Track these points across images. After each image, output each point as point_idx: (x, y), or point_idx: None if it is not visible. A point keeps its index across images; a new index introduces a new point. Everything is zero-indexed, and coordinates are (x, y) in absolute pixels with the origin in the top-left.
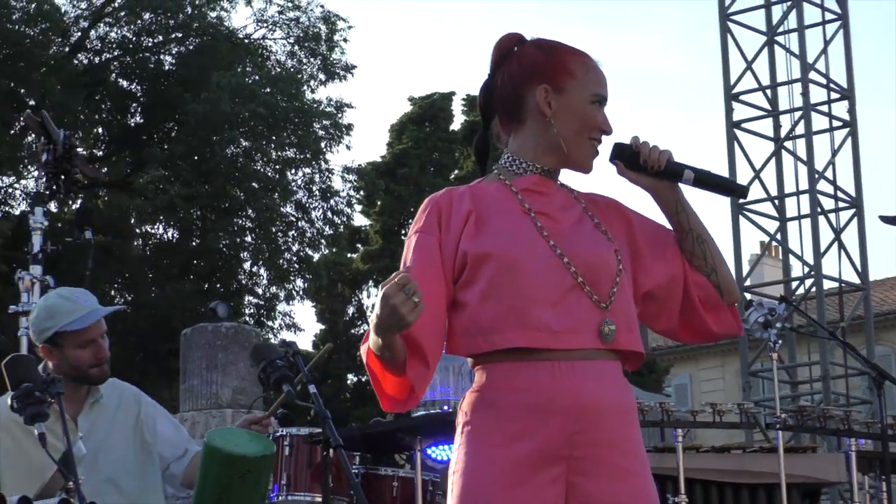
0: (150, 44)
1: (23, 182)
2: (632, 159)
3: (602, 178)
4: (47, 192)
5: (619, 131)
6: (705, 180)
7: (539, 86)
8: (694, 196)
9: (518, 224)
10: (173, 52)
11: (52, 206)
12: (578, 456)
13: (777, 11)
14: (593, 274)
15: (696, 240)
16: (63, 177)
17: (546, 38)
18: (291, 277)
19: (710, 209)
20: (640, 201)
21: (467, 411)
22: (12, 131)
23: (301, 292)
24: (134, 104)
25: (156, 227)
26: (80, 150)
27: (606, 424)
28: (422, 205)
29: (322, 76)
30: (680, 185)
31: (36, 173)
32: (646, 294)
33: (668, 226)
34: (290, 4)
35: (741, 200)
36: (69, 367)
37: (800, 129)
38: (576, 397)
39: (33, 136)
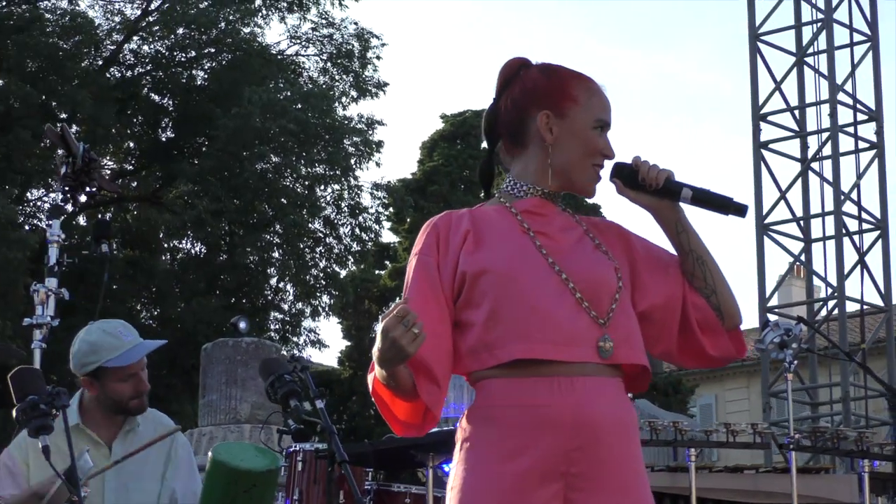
0: (182, 58)
1: (52, 195)
2: (631, 178)
3: (614, 200)
4: (65, 205)
5: (645, 148)
6: (704, 199)
7: (541, 111)
8: (717, 217)
9: (516, 242)
10: (205, 67)
11: (82, 219)
12: (576, 472)
13: (807, 32)
14: (592, 291)
15: (696, 261)
16: (82, 190)
17: (551, 62)
18: (318, 293)
19: (736, 230)
20: (644, 224)
21: (466, 427)
22: (42, 144)
23: (327, 308)
24: (165, 118)
25: (183, 241)
26: (109, 162)
27: (605, 441)
28: (423, 227)
29: (354, 93)
30: (681, 204)
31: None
32: (642, 314)
33: (671, 248)
34: (323, 21)
35: (766, 221)
36: (109, 400)
37: (826, 150)
38: (574, 413)
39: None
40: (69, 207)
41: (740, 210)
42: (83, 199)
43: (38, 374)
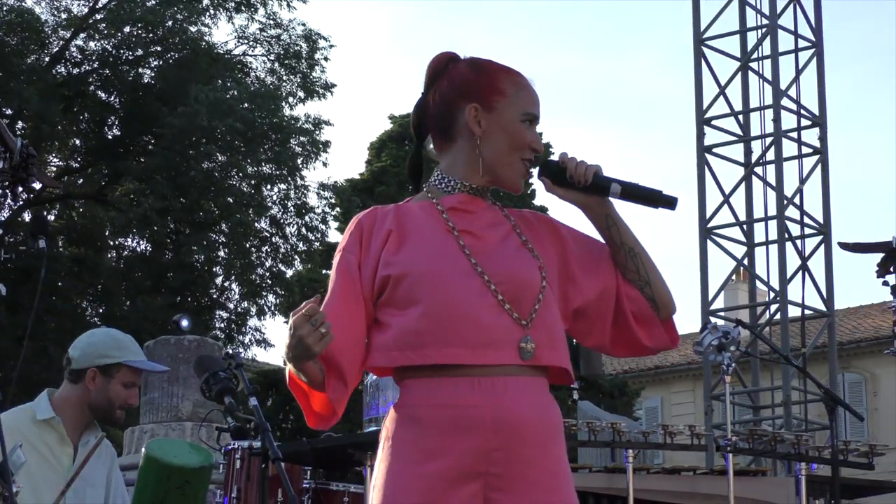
0: (129, 57)
1: None
2: (559, 175)
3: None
4: (2, 201)
5: (592, 151)
6: (633, 193)
7: (469, 104)
8: (663, 219)
9: (439, 242)
10: (153, 65)
11: (27, 217)
12: (496, 473)
13: (752, 38)
14: (514, 292)
15: (628, 253)
16: (20, 186)
17: (480, 56)
18: (264, 293)
19: (678, 233)
20: (575, 218)
21: (389, 426)
22: None
23: (273, 308)
24: (112, 116)
25: (129, 239)
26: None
27: (526, 441)
28: (350, 222)
29: (301, 94)
30: (611, 199)
31: None
32: (576, 310)
33: (602, 240)
34: (271, 22)
35: (709, 225)
36: (104, 400)
37: (770, 155)
38: (494, 413)
39: None
40: (9, 202)
41: (670, 202)
42: (22, 194)
43: None
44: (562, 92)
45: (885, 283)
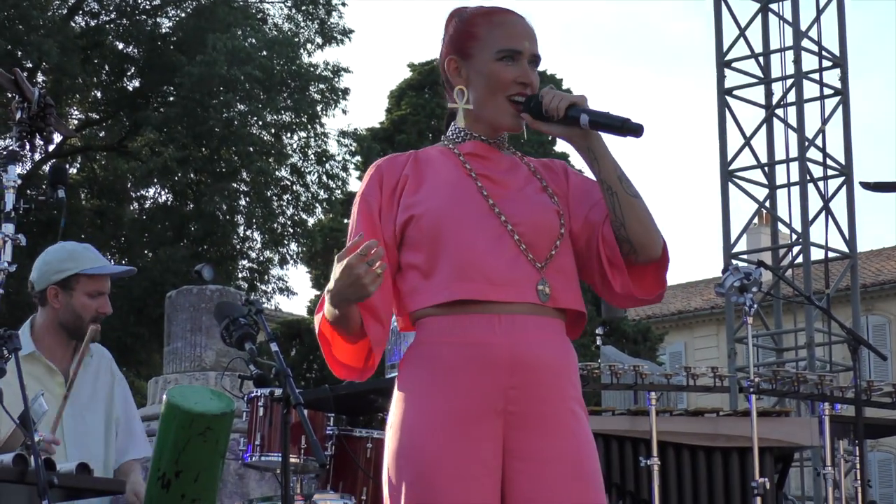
0: (147, 6)
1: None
2: (538, 110)
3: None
4: (21, 151)
5: (614, 94)
6: (601, 122)
7: (447, 57)
8: (685, 163)
9: (458, 185)
10: (170, 15)
11: (48, 170)
12: (513, 410)
13: None
14: (533, 235)
15: (606, 191)
16: (38, 135)
17: (483, 5)
18: (286, 241)
19: (700, 175)
20: None
21: (405, 365)
22: (10, 93)
23: (296, 256)
24: (131, 67)
25: (150, 190)
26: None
27: (542, 380)
28: (368, 168)
29: (319, 40)
30: (613, 134)
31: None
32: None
33: None
34: None
35: (730, 168)
36: (71, 315)
37: (791, 97)
38: (512, 351)
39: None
40: (26, 153)
41: (635, 130)
42: (40, 144)
43: None
44: (582, 32)
45: None
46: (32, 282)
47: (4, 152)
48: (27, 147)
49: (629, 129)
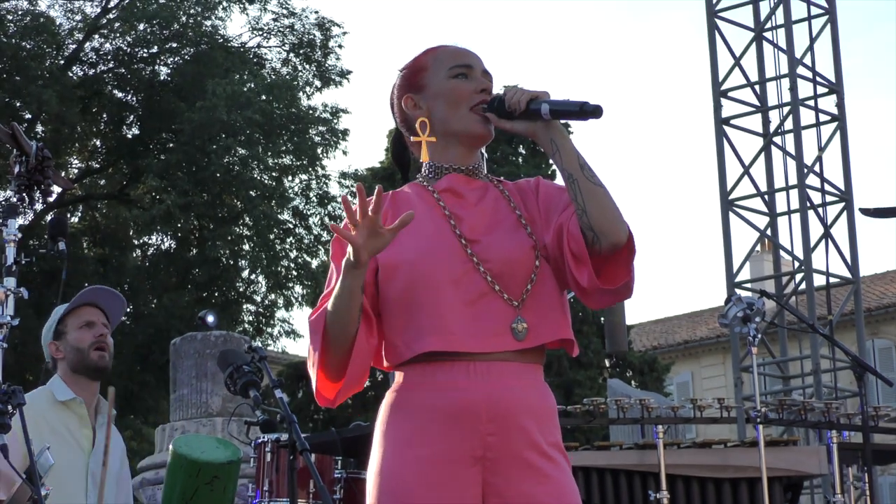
0: (145, 54)
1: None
2: (501, 108)
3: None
4: (20, 204)
5: (610, 125)
6: (561, 110)
7: (404, 96)
8: (685, 193)
9: (434, 227)
10: (168, 61)
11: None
12: (492, 457)
13: (764, 7)
14: (506, 276)
15: (567, 180)
16: (37, 189)
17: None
18: (290, 284)
19: (700, 207)
20: None
21: (385, 411)
22: (8, 146)
23: (300, 299)
24: (130, 115)
25: (153, 237)
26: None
27: (520, 426)
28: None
29: (318, 83)
30: (569, 122)
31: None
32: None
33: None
34: (284, 11)
35: (730, 197)
36: (73, 353)
37: (788, 125)
38: (489, 398)
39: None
40: (25, 206)
41: (595, 112)
42: (38, 197)
43: None
44: (576, 59)
45: None
46: (45, 356)
47: (3, 205)
48: (26, 201)
49: (588, 111)
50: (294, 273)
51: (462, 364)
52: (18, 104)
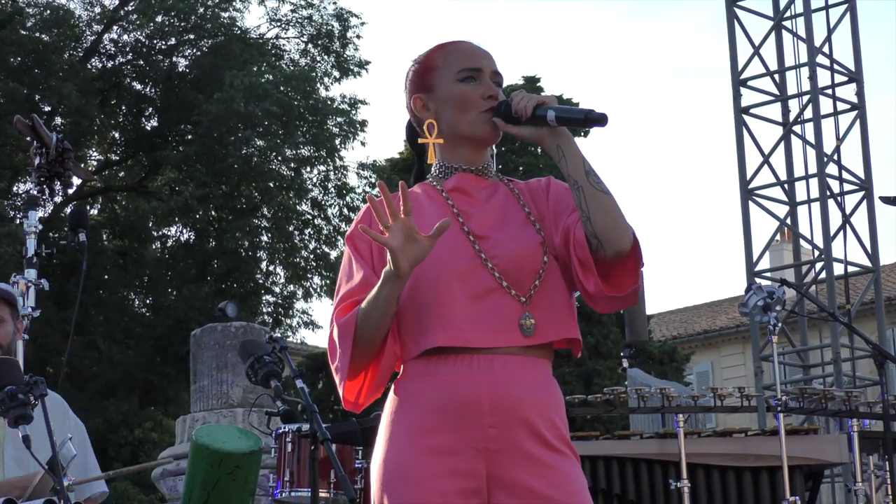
0: (163, 46)
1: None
2: (508, 113)
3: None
4: (40, 196)
5: (629, 114)
6: (566, 117)
7: (413, 97)
8: (704, 182)
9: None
10: (186, 53)
11: (69, 210)
12: (495, 449)
13: None
14: (514, 272)
15: (573, 186)
16: (57, 180)
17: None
18: (309, 275)
19: (720, 196)
20: None
21: (389, 403)
22: (28, 138)
23: (319, 290)
24: (149, 107)
25: (172, 229)
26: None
27: (523, 418)
28: (359, 212)
29: (336, 73)
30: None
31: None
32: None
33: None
34: (302, 2)
35: (750, 186)
36: None
37: (808, 114)
38: (491, 391)
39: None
40: (45, 198)
41: (600, 120)
42: (58, 188)
43: (15, 365)
44: (596, 52)
45: None
46: None
47: (24, 197)
48: (46, 192)
49: (593, 119)
50: (313, 264)
51: (466, 357)
52: (38, 97)
